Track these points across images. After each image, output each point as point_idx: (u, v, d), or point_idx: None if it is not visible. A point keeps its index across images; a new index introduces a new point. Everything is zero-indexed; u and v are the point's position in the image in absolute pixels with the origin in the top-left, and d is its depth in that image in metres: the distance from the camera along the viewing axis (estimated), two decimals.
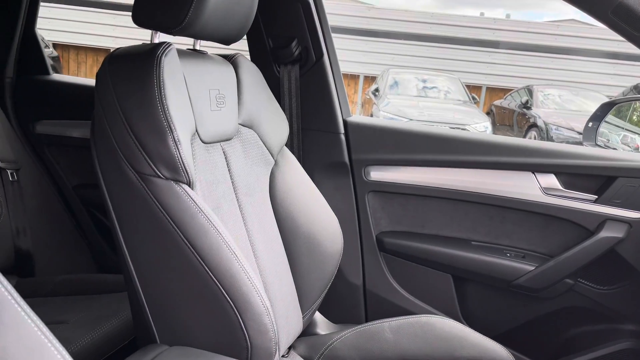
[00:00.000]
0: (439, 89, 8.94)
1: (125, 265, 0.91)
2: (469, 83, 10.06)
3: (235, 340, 0.87)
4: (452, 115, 7.71)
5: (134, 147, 0.87)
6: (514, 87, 9.74)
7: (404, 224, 1.51)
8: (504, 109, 9.34)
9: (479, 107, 9.70)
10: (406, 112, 7.57)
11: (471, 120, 7.62)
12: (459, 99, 8.71)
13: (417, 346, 1.29)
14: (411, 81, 8.94)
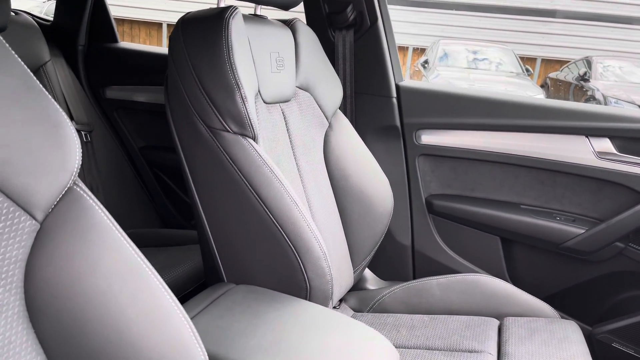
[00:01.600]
0: (490, 61, 8.67)
1: (197, 213, 1.00)
2: (522, 55, 9.71)
3: (296, 281, 0.95)
4: (504, 87, 7.50)
5: (205, 103, 0.94)
6: (571, 59, 9.33)
7: (454, 187, 1.54)
8: (560, 82, 8.98)
9: (532, 79, 9.36)
10: (456, 85, 7.42)
11: (524, 92, 7.40)
12: (511, 71, 8.44)
13: (464, 302, 1.34)
14: (461, 53, 8.70)
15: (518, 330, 1.21)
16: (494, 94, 1.52)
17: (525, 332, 1.20)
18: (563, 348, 1.13)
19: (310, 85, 1.28)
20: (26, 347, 0.57)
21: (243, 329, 0.81)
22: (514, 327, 1.23)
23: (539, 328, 1.21)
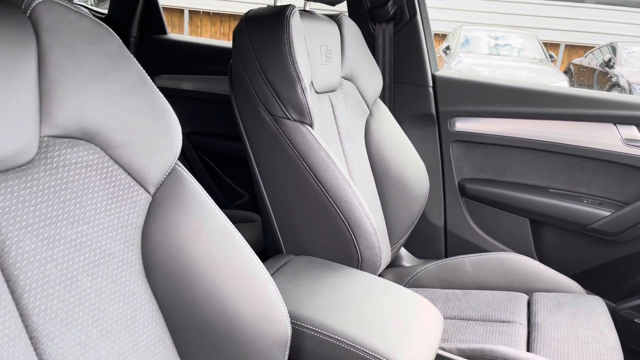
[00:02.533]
0: (512, 47, 8.61)
1: (259, 192, 1.11)
2: (546, 40, 9.61)
3: (349, 253, 1.06)
4: (527, 74, 7.46)
5: (269, 93, 1.05)
6: (595, 45, 9.21)
7: (485, 171, 1.63)
8: (584, 68, 8.90)
9: (556, 65, 9.27)
10: (478, 71, 7.41)
11: (547, 79, 7.36)
12: (534, 57, 8.38)
13: (494, 279, 1.44)
14: (482, 39, 8.64)
15: (546, 303, 1.31)
16: (525, 83, 1.60)
17: (554, 306, 1.29)
18: (589, 320, 1.23)
19: (354, 76, 1.38)
20: (144, 298, 0.69)
21: (308, 291, 0.93)
22: (542, 301, 1.33)
23: (567, 302, 1.31)
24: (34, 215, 0.59)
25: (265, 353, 0.73)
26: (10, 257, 0.56)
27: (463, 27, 9.01)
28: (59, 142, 0.62)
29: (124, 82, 0.68)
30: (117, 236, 0.67)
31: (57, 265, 0.60)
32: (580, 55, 9.71)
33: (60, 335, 0.59)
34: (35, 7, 0.61)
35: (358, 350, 0.81)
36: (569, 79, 8.30)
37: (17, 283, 0.57)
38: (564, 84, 7.44)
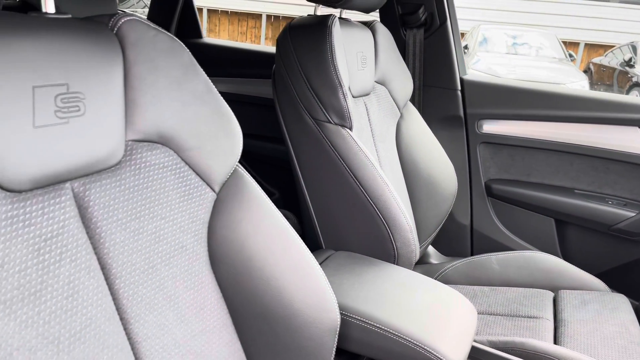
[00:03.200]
0: (529, 45, 8.57)
1: (301, 191, 1.18)
2: (565, 39, 9.55)
3: (385, 249, 1.13)
4: (546, 73, 7.43)
5: (312, 98, 1.12)
6: (615, 44, 9.13)
7: (511, 172, 1.68)
8: (604, 67, 8.83)
9: (575, 64, 9.21)
10: (496, 70, 7.40)
11: (566, 78, 7.32)
12: (553, 57, 8.34)
13: (521, 276, 1.49)
14: (500, 37, 8.61)
15: (572, 301, 1.36)
16: (551, 87, 1.64)
17: (579, 303, 1.34)
18: (614, 316, 1.28)
19: (386, 80, 1.44)
20: (211, 287, 0.76)
21: (351, 284, 0.99)
22: (568, 298, 1.38)
23: (592, 300, 1.36)
24: (122, 210, 0.66)
25: (318, 339, 0.80)
26: (104, 247, 0.63)
27: (482, 26, 8.99)
28: (141, 146, 0.69)
29: (194, 91, 0.75)
30: (187, 230, 0.74)
31: (141, 255, 0.67)
32: (600, 54, 9.64)
33: (144, 317, 0.66)
34: (121, 26, 0.68)
35: (401, 339, 0.88)
36: (589, 79, 8.24)
37: (110, 270, 0.64)
38: (584, 83, 7.39)
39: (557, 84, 7.06)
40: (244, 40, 11.58)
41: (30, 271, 0.54)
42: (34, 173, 0.56)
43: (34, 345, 0.53)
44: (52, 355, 0.54)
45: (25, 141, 0.55)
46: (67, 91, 0.59)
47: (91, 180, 0.63)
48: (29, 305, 0.54)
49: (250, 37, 11.61)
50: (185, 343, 0.70)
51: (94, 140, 0.62)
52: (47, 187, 0.58)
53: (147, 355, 0.66)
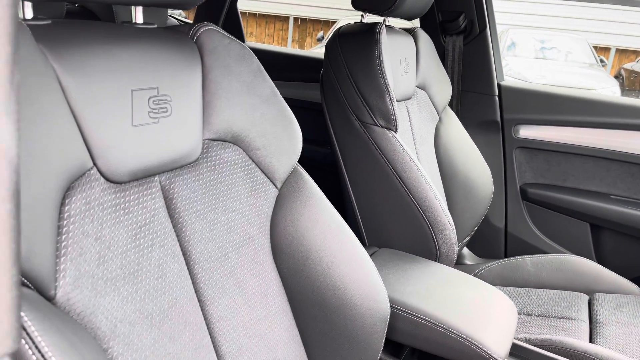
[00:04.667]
0: (558, 50, 8.47)
1: (346, 191, 1.24)
2: (596, 44, 9.41)
3: (428, 248, 1.18)
4: (577, 78, 7.34)
5: (359, 102, 1.18)
6: None
7: (547, 177, 1.71)
8: (635, 73, 8.67)
9: (606, 70, 9.07)
10: (525, 76, 7.33)
11: (597, 84, 7.22)
12: (584, 62, 8.23)
13: (555, 279, 1.52)
14: (528, 41, 8.53)
15: (607, 303, 1.39)
16: (587, 93, 1.67)
17: (614, 306, 1.37)
18: None
19: (427, 85, 1.49)
20: (273, 275, 0.83)
21: (397, 279, 1.05)
22: (603, 301, 1.40)
23: (627, 303, 1.38)
24: (200, 202, 0.73)
25: (370, 327, 0.85)
26: (186, 235, 0.70)
27: (510, 30, 8.92)
28: (215, 145, 0.76)
29: (261, 94, 0.82)
30: (254, 223, 0.81)
31: (216, 244, 0.74)
32: (632, 60, 9.47)
33: (217, 300, 0.73)
34: (200, 35, 0.75)
35: (447, 331, 0.93)
36: (620, 85, 8.10)
37: (190, 256, 0.71)
38: (615, 89, 7.28)
39: (588, 89, 6.97)
40: (271, 42, 11.70)
41: (130, 253, 0.61)
42: (132, 167, 0.62)
43: (133, 319, 0.60)
44: (147, 328, 0.61)
45: (126, 138, 0.62)
46: (157, 94, 0.66)
47: (175, 175, 0.70)
48: (129, 284, 0.60)
49: (277, 40, 11.73)
50: (251, 326, 0.77)
51: (178, 138, 0.69)
52: (141, 179, 0.65)
53: (220, 335, 0.72)
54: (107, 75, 0.61)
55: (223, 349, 0.72)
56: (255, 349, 0.76)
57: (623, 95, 8.24)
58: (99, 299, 0.56)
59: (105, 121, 0.59)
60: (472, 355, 0.91)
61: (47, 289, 0.51)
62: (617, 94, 7.29)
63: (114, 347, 0.57)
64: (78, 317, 0.54)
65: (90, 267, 0.56)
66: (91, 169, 0.59)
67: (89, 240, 0.57)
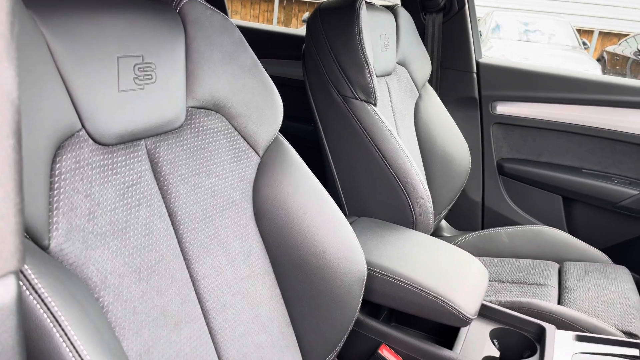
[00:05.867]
0: (542, 32, 8.53)
1: (327, 163, 1.28)
2: (579, 27, 9.49)
3: (405, 216, 1.23)
4: (560, 61, 7.43)
5: (340, 76, 1.21)
6: (630, 32, 9.07)
7: (523, 152, 1.77)
8: (617, 56, 8.78)
9: (589, 52, 9.17)
10: (509, 58, 7.40)
11: (579, 67, 7.31)
12: (567, 44, 8.32)
13: (529, 249, 1.59)
14: (512, 24, 8.58)
15: (576, 271, 1.46)
16: (562, 70, 1.72)
17: (583, 273, 1.44)
18: (615, 285, 1.37)
19: (406, 61, 1.53)
20: (256, 238, 0.87)
21: (375, 244, 1.10)
22: (572, 268, 1.47)
23: (594, 270, 1.45)
24: (185, 166, 0.77)
25: (347, 287, 0.90)
26: (171, 197, 0.74)
27: (495, 12, 8.96)
28: (198, 112, 0.79)
29: (243, 64, 0.85)
30: (237, 188, 0.85)
31: (200, 206, 0.78)
32: (614, 43, 9.58)
33: (202, 259, 0.77)
34: (183, 5, 0.78)
35: (421, 291, 0.98)
36: (602, 67, 8.21)
37: (176, 217, 0.74)
38: (597, 71, 7.38)
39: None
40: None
41: (118, 211, 0.65)
42: (118, 130, 0.66)
43: (122, 272, 0.64)
44: (135, 281, 0.65)
45: (113, 103, 0.65)
46: (142, 61, 0.69)
47: (160, 140, 0.74)
48: (118, 239, 0.64)
49: (262, 21, 11.63)
50: (235, 284, 0.81)
51: (163, 104, 0.72)
52: (128, 142, 0.69)
53: (205, 291, 0.77)
54: (94, 41, 0.64)
55: (208, 305, 0.76)
56: (239, 305, 0.81)
57: None
58: (89, 251, 0.60)
59: (92, 85, 0.63)
60: (445, 313, 0.97)
61: (41, 239, 0.55)
62: None
63: (104, 296, 0.61)
64: (70, 267, 0.58)
65: (81, 221, 0.60)
66: (80, 130, 0.62)
67: (79, 197, 0.60)
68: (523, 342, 1.07)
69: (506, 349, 1.07)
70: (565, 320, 1.14)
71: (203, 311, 0.76)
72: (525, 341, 1.07)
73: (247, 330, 0.81)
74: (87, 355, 0.48)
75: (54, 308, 0.48)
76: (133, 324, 0.64)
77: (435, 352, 0.99)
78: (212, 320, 0.77)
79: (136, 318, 0.64)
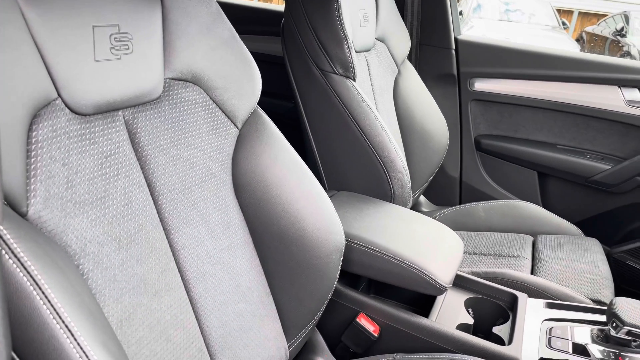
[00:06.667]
0: (522, 12, 8.58)
1: (307, 137, 1.29)
2: (559, 7, 9.55)
3: (384, 190, 1.25)
4: (539, 41, 7.48)
5: (319, 51, 1.22)
6: (608, 13, 9.17)
7: (500, 128, 1.80)
8: (596, 36, 8.88)
9: (568, 32, 9.25)
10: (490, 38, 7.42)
11: (559, 47, 7.38)
12: (547, 24, 8.38)
13: (504, 222, 1.63)
14: (493, 3, 8.60)
15: (549, 243, 1.50)
16: (539, 47, 1.74)
17: (555, 245, 1.49)
18: (586, 256, 1.42)
19: (386, 37, 1.54)
20: (235, 210, 0.88)
21: (353, 217, 1.12)
22: (545, 241, 1.52)
23: (567, 242, 1.50)
24: (163, 138, 0.77)
25: (326, 257, 0.92)
26: (150, 168, 0.74)
27: None
28: (176, 84, 0.80)
29: (220, 36, 0.85)
30: (216, 160, 0.85)
31: (179, 177, 0.79)
32: (594, 23, 9.67)
33: (182, 229, 0.78)
34: None
35: (398, 261, 1.00)
36: (581, 47, 8.30)
37: (155, 188, 0.75)
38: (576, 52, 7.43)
39: None
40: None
41: (97, 180, 0.66)
42: (95, 100, 0.66)
43: (101, 240, 0.64)
44: (115, 250, 0.66)
45: (89, 72, 0.65)
46: (118, 31, 0.69)
47: (138, 111, 0.74)
48: (97, 208, 0.65)
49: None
50: (215, 255, 0.82)
51: (140, 75, 0.72)
52: (105, 113, 0.69)
53: (185, 261, 0.78)
54: (69, 9, 0.63)
55: (188, 274, 0.78)
56: (219, 275, 0.82)
57: None
58: (68, 219, 0.61)
59: (67, 54, 0.62)
60: (420, 282, 0.99)
61: (19, 206, 0.55)
62: None
63: (84, 264, 0.62)
64: (49, 235, 0.58)
65: (59, 189, 0.60)
66: (56, 99, 0.62)
67: (57, 165, 0.60)
68: (496, 310, 1.11)
69: (480, 317, 1.11)
70: (537, 289, 1.18)
71: (183, 280, 0.77)
72: (498, 309, 1.11)
73: (227, 299, 0.83)
74: (67, 317, 0.49)
75: (34, 272, 0.49)
76: (113, 291, 0.65)
77: (411, 319, 1.02)
78: (193, 289, 0.78)
79: (116, 285, 0.65)
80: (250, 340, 0.86)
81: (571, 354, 0.94)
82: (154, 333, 0.69)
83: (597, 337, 0.96)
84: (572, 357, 0.93)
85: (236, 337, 0.83)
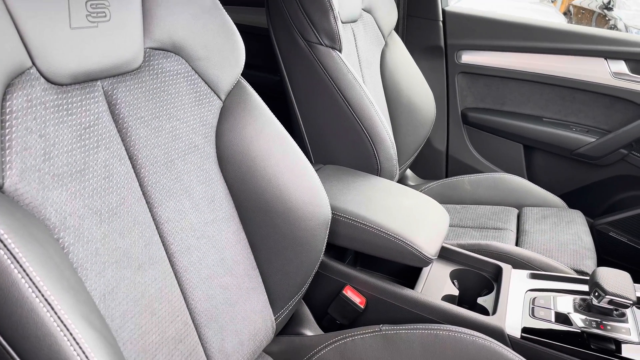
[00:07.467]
0: None
1: (292, 110, 1.27)
2: None
3: (370, 163, 1.24)
4: (526, 14, 7.43)
5: (304, 21, 1.19)
6: None
7: (486, 101, 1.80)
8: (583, 10, 8.84)
9: (556, 6, 9.19)
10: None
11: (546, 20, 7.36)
12: None
13: (490, 195, 1.64)
14: None
15: (533, 215, 1.52)
16: (526, 19, 1.73)
17: (540, 217, 1.50)
18: (570, 227, 1.44)
19: (373, 8, 1.51)
20: (219, 183, 0.87)
21: (339, 190, 1.11)
22: (530, 213, 1.53)
23: (551, 214, 1.51)
24: (144, 109, 0.75)
25: (312, 230, 0.92)
26: (131, 140, 0.73)
27: None
28: (157, 54, 0.77)
29: (202, 4, 0.83)
30: (199, 132, 0.84)
31: (161, 150, 0.77)
32: None
33: (165, 202, 0.77)
34: None
35: (384, 234, 1.01)
36: (568, 20, 8.27)
37: (137, 161, 0.74)
38: None
39: None
40: None
41: (76, 152, 0.64)
42: (73, 69, 0.64)
43: (82, 213, 0.63)
44: (96, 223, 0.65)
45: (64, 40, 0.62)
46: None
47: (117, 81, 0.71)
48: (77, 181, 0.63)
49: None
50: (199, 228, 0.82)
51: (119, 44, 0.70)
52: (83, 83, 0.66)
53: (169, 234, 0.77)
54: None
55: (172, 247, 0.77)
56: (204, 248, 0.82)
57: None
58: (47, 192, 0.59)
59: (41, 21, 0.60)
60: (406, 254, 1.00)
61: None
62: None
63: (64, 237, 0.60)
64: (27, 208, 0.57)
65: (37, 161, 0.59)
66: (30, 68, 0.60)
67: (33, 137, 0.59)
68: (481, 281, 1.12)
69: (465, 288, 1.12)
70: (521, 260, 1.20)
71: (167, 254, 0.76)
72: (483, 280, 1.12)
73: (212, 272, 0.82)
74: (47, 291, 0.48)
75: (11, 245, 0.48)
76: (95, 265, 0.64)
77: (397, 291, 1.03)
78: (177, 262, 0.77)
79: (98, 259, 0.64)
80: (237, 313, 0.86)
81: (554, 322, 0.96)
82: (138, 306, 0.69)
83: (579, 307, 0.98)
84: (554, 325, 0.95)
85: (222, 310, 0.83)
